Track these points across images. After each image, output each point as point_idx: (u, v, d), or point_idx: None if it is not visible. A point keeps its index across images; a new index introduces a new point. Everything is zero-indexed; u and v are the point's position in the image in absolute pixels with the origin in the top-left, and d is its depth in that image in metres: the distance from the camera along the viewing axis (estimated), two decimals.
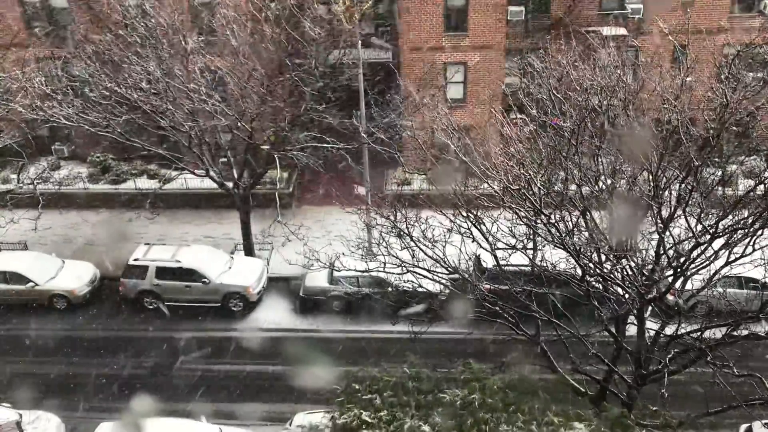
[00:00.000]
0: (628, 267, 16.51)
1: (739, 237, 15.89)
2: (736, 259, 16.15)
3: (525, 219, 17.46)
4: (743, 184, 24.01)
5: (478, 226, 18.20)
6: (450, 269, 18.48)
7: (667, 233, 16.13)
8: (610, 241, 16.61)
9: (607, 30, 29.83)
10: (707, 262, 16.29)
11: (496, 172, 17.67)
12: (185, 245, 27.88)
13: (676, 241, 16.32)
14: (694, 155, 15.44)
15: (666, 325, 17.40)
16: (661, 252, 16.30)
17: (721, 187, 16.36)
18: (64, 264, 27.82)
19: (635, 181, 17.09)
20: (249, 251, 28.67)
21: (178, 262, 26.46)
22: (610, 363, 17.72)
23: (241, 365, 24.59)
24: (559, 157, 16.85)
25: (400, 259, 18.69)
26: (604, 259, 16.77)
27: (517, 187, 16.79)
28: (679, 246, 16.32)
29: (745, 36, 20.88)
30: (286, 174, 32.40)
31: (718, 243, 16.01)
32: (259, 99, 24.64)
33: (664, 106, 16.43)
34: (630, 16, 30.83)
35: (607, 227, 16.99)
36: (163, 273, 26.41)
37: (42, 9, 32.06)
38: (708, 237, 15.71)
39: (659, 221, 16.15)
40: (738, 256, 16.10)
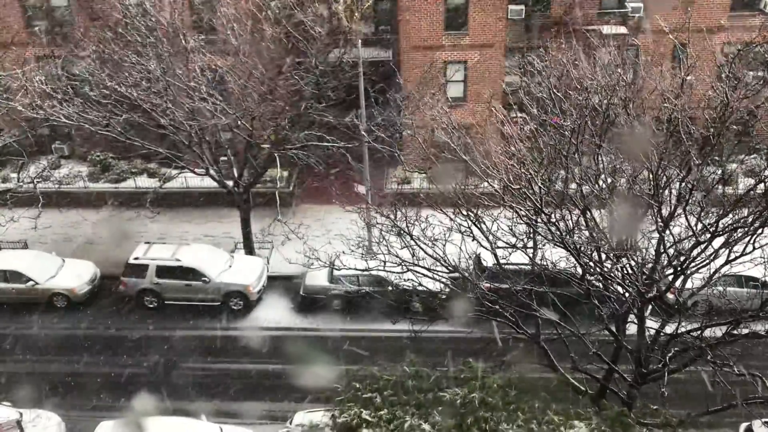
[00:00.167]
0: (628, 266, 16.51)
1: (739, 235, 15.89)
2: (736, 258, 16.14)
3: (525, 218, 17.45)
4: (743, 183, 24.05)
5: (479, 225, 18.19)
6: (450, 268, 18.48)
7: (668, 232, 16.13)
8: (611, 240, 16.61)
9: (607, 29, 29.85)
10: (707, 261, 16.29)
11: (496, 171, 17.67)
12: (185, 244, 27.90)
13: (677, 239, 16.33)
14: (695, 154, 15.44)
15: (666, 324, 17.40)
16: (662, 251, 16.30)
17: (721, 186, 16.35)
18: (65, 263, 27.83)
19: (635, 180, 17.09)
20: (249, 250, 28.67)
21: (178, 261, 26.48)
22: (610, 362, 17.72)
23: (241, 364, 24.60)
24: (560, 156, 16.85)
25: (401, 258, 18.68)
26: (605, 257, 16.77)
27: (518, 187, 16.78)
28: (679, 245, 16.32)
29: (746, 35, 20.85)
30: (286, 173, 32.44)
31: (718, 242, 16.01)
32: (259, 98, 24.64)
33: (665, 104, 16.41)
34: (630, 14, 30.83)
35: (608, 226, 16.98)
36: (163, 272, 26.42)
37: (42, 8, 32.04)
38: (708, 236, 15.71)
39: (659, 220, 16.15)
40: (738, 255, 16.09)
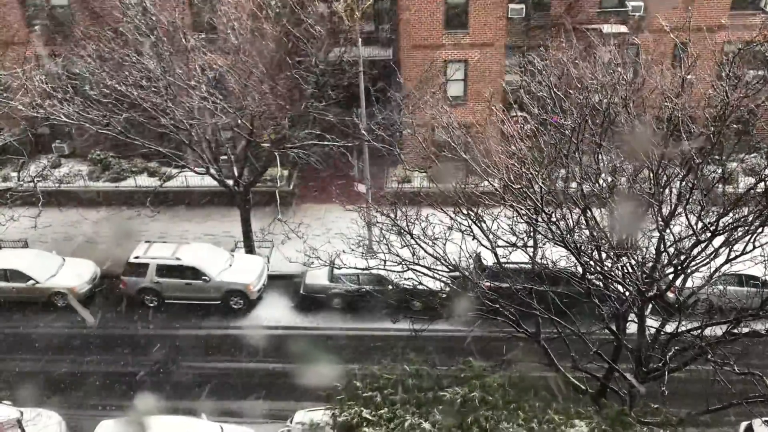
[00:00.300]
0: (628, 265, 16.51)
1: (740, 234, 15.88)
2: (737, 257, 16.14)
3: (525, 217, 17.45)
4: (744, 182, 24.07)
5: (479, 224, 18.18)
6: (450, 267, 18.48)
7: (668, 231, 16.13)
8: (611, 239, 16.61)
9: (607, 28, 29.82)
10: (707, 260, 16.28)
11: (496, 170, 17.66)
12: (186, 243, 27.91)
13: (677, 238, 16.32)
14: (695, 153, 15.44)
15: (666, 323, 17.41)
16: (662, 249, 16.30)
17: (721, 185, 16.35)
18: (65, 262, 27.83)
19: (636, 179, 17.09)
20: (249, 249, 28.67)
21: (178, 259, 26.48)
22: (611, 361, 17.72)
23: (242, 363, 24.60)
24: (560, 155, 16.84)
25: (401, 257, 18.69)
26: (605, 256, 16.76)
27: (519, 186, 16.77)
28: (679, 243, 16.32)
29: (746, 34, 20.84)
30: (286, 172, 32.45)
31: (719, 240, 16.01)
32: (259, 96, 24.63)
33: (665, 103, 16.41)
34: (630, 13, 30.81)
35: (608, 225, 16.98)
36: (163, 271, 26.42)
37: (42, 6, 32.03)
38: (708, 234, 15.70)
39: (660, 219, 16.15)
40: (738, 254, 16.09)
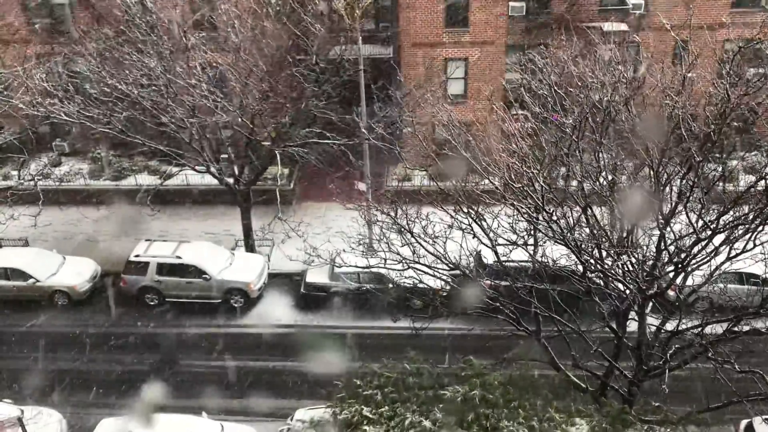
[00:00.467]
0: (629, 263, 16.51)
1: (740, 233, 15.89)
2: (737, 255, 16.13)
3: (526, 215, 17.45)
4: (744, 180, 24.04)
5: (479, 222, 18.19)
6: (451, 265, 18.49)
7: (668, 229, 16.13)
8: (611, 237, 16.61)
9: (607, 26, 29.79)
10: (708, 258, 16.29)
11: (497, 169, 17.66)
12: (186, 241, 27.88)
13: (677, 236, 16.33)
14: (695, 151, 15.44)
15: (667, 321, 17.41)
16: (662, 248, 16.30)
17: (722, 183, 16.34)
18: (65, 260, 27.83)
19: (636, 177, 17.09)
20: (250, 247, 28.68)
21: (179, 258, 26.48)
22: (611, 359, 17.73)
23: (242, 361, 24.60)
24: (561, 154, 16.84)
25: (401, 255, 18.69)
26: (605, 255, 16.77)
27: (520, 185, 16.77)
28: (679, 242, 16.32)
29: (747, 32, 20.82)
30: (286, 170, 32.45)
31: (719, 239, 16.01)
32: (260, 95, 24.63)
33: (666, 102, 16.40)
34: (631, 11, 30.78)
35: (608, 223, 16.98)
36: (164, 269, 26.41)
37: (43, 5, 32.02)
38: (709, 233, 15.70)
39: (660, 217, 16.15)
40: (739, 252, 16.09)
